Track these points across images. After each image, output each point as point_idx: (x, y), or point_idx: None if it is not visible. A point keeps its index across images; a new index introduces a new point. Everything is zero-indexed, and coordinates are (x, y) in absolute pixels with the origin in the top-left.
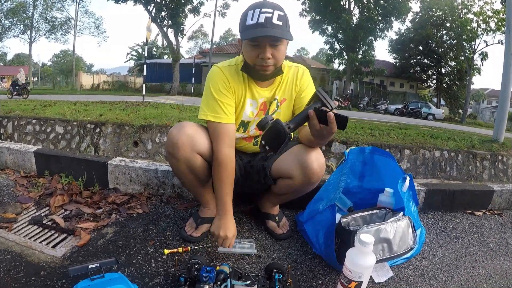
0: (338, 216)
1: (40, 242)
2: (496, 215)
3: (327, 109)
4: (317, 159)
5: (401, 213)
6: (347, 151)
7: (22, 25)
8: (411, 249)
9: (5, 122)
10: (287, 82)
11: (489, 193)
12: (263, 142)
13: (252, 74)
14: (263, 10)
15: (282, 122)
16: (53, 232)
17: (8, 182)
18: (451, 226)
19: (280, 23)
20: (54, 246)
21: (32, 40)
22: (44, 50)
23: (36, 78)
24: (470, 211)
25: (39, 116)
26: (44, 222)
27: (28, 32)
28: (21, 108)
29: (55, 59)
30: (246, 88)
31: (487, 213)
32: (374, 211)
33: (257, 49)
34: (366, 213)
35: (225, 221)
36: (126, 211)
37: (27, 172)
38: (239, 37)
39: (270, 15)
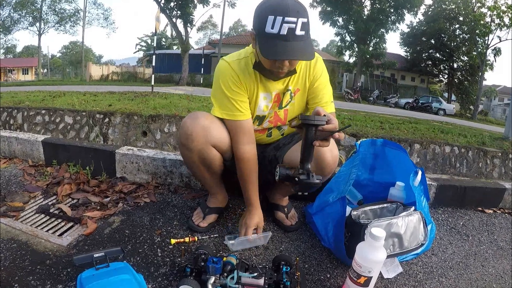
0: (348, 208)
1: (47, 231)
2: (506, 214)
3: (328, 130)
4: (330, 150)
5: (413, 208)
6: (358, 142)
7: (31, 17)
8: (422, 245)
9: (15, 113)
10: (300, 72)
11: (500, 191)
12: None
13: (265, 74)
14: (286, 19)
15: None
16: (59, 220)
17: (16, 171)
18: (461, 223)
19: (303, 32)
20: (60, 235)
21: (41, 32)
22: (53, 42)
23: (45, 70)
24: (480, 209)
25: (48, 107)
26: (51, 210)
27: (37, 24)
28: (31, 99)
29: (64, 50)
30: (258, 82)
31: (497, 211)
32: (385, 205)
33: (274, 61)
34: (377, 206)
35: (248, 212)
36: (133, 200)
37: (35, 161)
38: (249, 28)
39: (293, 25)
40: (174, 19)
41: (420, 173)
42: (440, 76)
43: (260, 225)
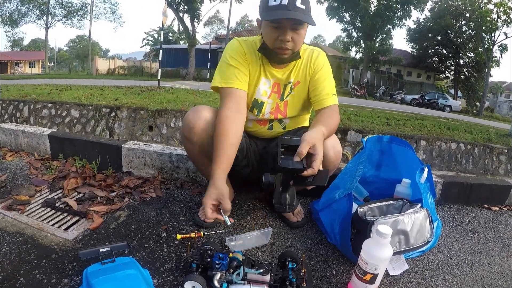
0: (354, 205)
1: (53, 225)
2: None
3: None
4: (333, 146)
5: (419, 205)
6: (365, 139)
7: (38, 11)
8: (428, 242)
9: (21, 106)
10: (301, 65)
11: (506, 188)
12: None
13: (269, 56)
14: None
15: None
16: (65, 214)
17: (23, 164)
18: (467, 220)
19: (303, 6)
20: (66, 229)
21: (48, 25)
22: (60, 36)
23: (52, 63)
24: (486, 206)
25: (55, 100)
26: (57, 204)
27: (44, 17)
28: (37, 93)
29: (71, 44)
30: (261, 65)
31: (503, 208)
32: (391, 202)
33: (277, 31)
34: (383, 203)
35: (209, 187)
36: (139, 195)
37: (41, 155)
38: (255, 23)
39: None
40: (181, 14)
41: (426, 169)
42: (447, 72)
43: (222, 199)
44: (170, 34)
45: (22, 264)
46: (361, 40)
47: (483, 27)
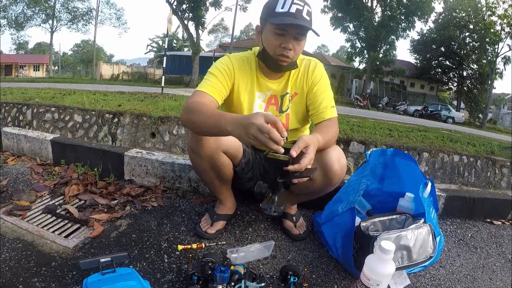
0: (357, 219)
1: (53, 232)
2: None
3: (292, 171)
4: (338, 159)
5: (422, 220)
6: (369, 152)
7: (44, 15)
8: (430, 257)
9: (24, 109)
10: (298, 75)
11: (509, 203)
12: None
13: (267, 63)
14: (295, 1)
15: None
16: (66, 222)
17: (24, 169)
18: (469, 235)
19: (308, 18)
20: (66, 236)
21: (54, 29)
22: (65, 40)
23: (56, 67)
24: (489, 220)
25: (58, 105)
26: (58, 211)
27: (50, 21)
28: (41, 96)
29: (75, 48)
30: (254, 80)
31: (506, 223)
32: (394, 216)
33: (281, 38)
34: (386, 217)
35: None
36: (140, 204)
37: (43, 160)
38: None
39: (301, 7)
40: (185, 21)
41: (429, 184)
42: (450, 84)
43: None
44: (175, 41)
45: (21, 271)
46: (365, 51)
47: (487, 39)
